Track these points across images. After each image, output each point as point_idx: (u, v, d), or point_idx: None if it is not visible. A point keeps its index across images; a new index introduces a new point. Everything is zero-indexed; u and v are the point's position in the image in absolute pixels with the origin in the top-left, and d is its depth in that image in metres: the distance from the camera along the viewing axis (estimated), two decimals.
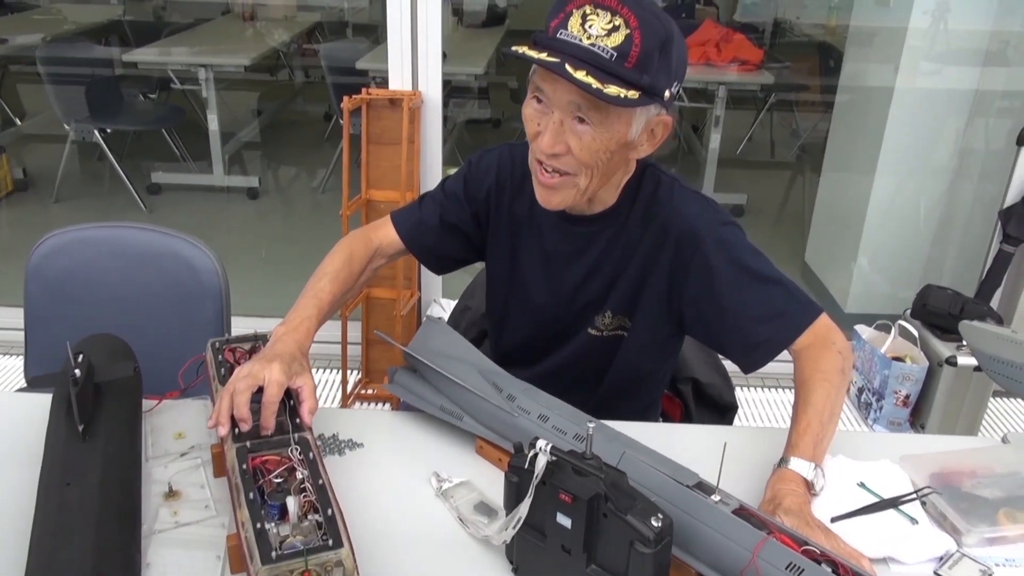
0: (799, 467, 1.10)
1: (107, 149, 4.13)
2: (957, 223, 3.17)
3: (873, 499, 1.13)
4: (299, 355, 1.15)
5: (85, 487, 0.97)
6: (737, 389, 1.67)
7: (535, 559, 0.97)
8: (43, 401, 1.18)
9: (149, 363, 1.27)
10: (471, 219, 1.41)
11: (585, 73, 1.06)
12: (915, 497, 1.14)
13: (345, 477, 1.15)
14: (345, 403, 2.76)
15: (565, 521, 0.92)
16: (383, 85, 2.65)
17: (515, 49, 1.11)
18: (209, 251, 1.65)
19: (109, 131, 4.17)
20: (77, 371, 1.08)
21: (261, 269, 3.67)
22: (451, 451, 1.24)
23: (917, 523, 1.10)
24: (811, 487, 1.10)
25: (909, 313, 2.70)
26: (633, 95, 1.08)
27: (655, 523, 0.86)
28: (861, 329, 2.81)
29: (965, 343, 2.11)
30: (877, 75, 3.23)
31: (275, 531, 0.90)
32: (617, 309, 1.34)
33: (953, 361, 2.47)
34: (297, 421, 1.08)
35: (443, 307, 2.87)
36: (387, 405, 2.74)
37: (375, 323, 2.79)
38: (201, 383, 1.24)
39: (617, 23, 1.08)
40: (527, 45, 1.12)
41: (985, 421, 2.76)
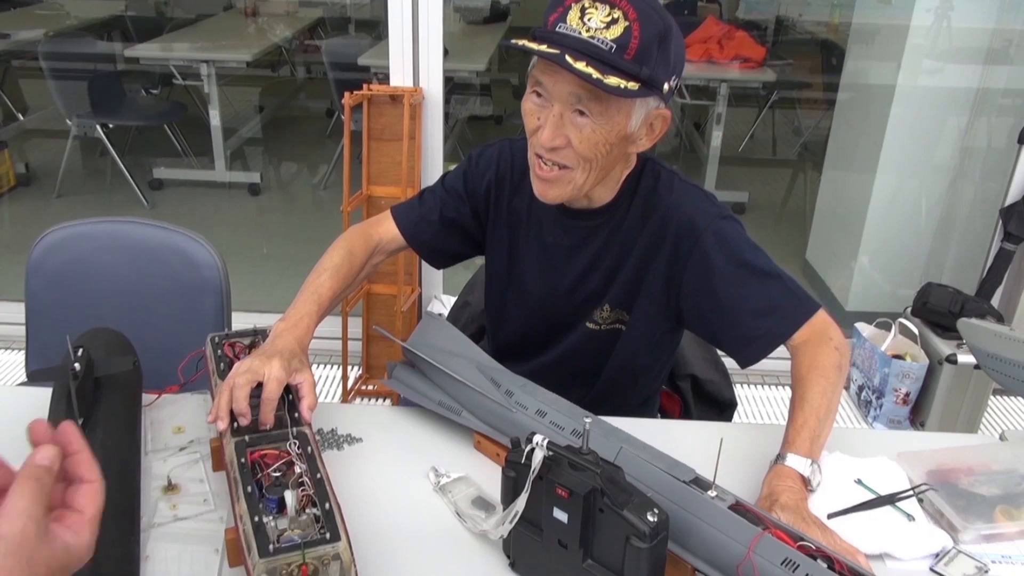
0: (796, 463, 1.10)
1: (109, 144, 4.14)
2: (958, 221, 3.16)
3: (870, 495, 1.14)
4: (299, 351, 1.15)
5: None
6: (736, 386, 1.67)
7: (532, 553, 0.98)
8: (43, 395, 1.18)
9: (149, 357, 1.27)
10: (471, 214, 1.41)
11: (585, 64, 1.06)
12: (912, 494, 1.14)
13: (344, 472, 1.15)
14: (345, 399, 2.77)
15: (562, 516, 0.92)
16: (385, 81, 2.65)
17: (515, 41, 1.11)
18: (210, 246, 1.65)
19: (111, 126, 4.18)
20: (77, 365, 1.09)
21: (262, 265, 3.68)
22: (449, 446, 1.24)
23: (914, 520, 1.10)
24: (808, 483, 1.10)
25: (910, 311, 2.70)
26: (633, 86, 1.09)
27: (651, 518, 0.86)
28: (862, 327, 2.81)
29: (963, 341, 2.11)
30: (879, 73, 3.23)
31: (273, 525, 0.90)
32: (615, 303, 1.34)
33: (953, 359, 2.47)
34: (296, 416, 1.08)
35: (443, 303, 2.87)
36: (387, 401, 2.74)
37: (376, 319, 2.79)
38: (201, 378, 1.24)
39: (616, 15, 1.08)
40: (527, 39, 1.12)
41: (985, 419, 2.76)
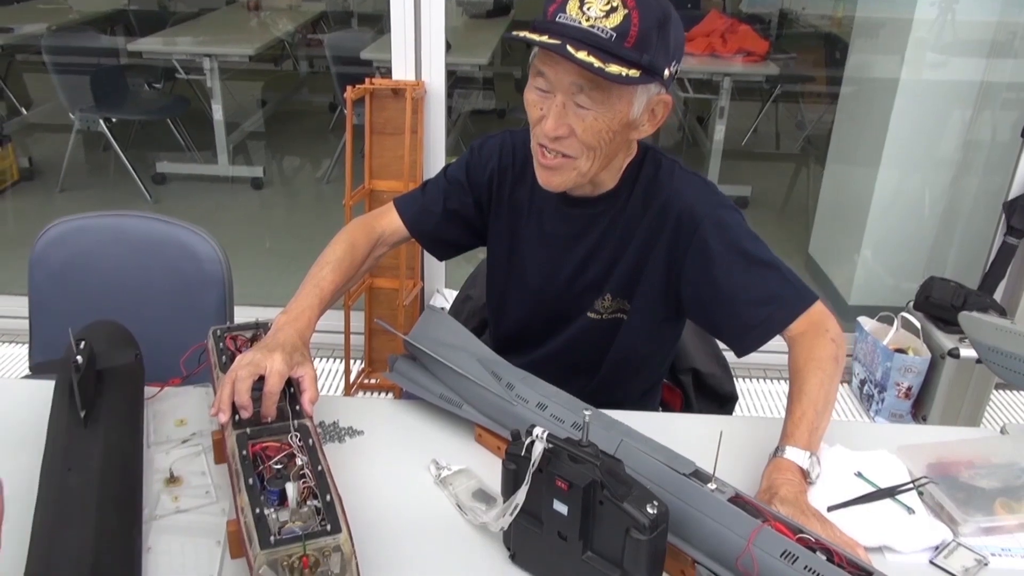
0: (795, 456, 1.10)
1: (112, 139, 4.14)
2: (961, 215, 3.16)
3: (870, 488, 1.14)
4: (300, 345, 1.16)
5: (86, 473, 0.97)
6: (737, 380, 1.67)
7: (532, 545, 0.98)
8: (47, 388, 1.19)
9: (152, 350, 1.28)
10: (473, 205, 1.42)
11: (586, 53, 1.07)
12: (912, 487, 1.14)
13: (345, 464, 1.16)
14: (348, 392, 2.77)
15: (562, 508, 0.93)
16: (387, 76, 2.65)
17: (516, 33, 1.12)
18: (212, 240, 1.65)
19: (114, 120, 4.18)
20: (79, 358, 1.09)
21: (264, 258, 3.68)
22: (450, 439, 1.25)
23: (914, 513, 1.11)
24: (807, 476, 1.10)
25: (912, 305, 2.70)
26: (634, 73, 1.09)
27: (651, 510, 0.87)
28: (864, 321, 2.81)
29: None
30: (882, 66, 3.22)
31: (274, 517, 0.90)
32: (616, 292, 1.34)
33: (956, 353, 2.47)
34: (297, 408, 1.08)
35: (446, 297, 2.87)
36: (390, 395, 2.75)
37: (378, 313, 2.80)
38: (203, 371, 1.25)
39: (615, 4, 1.08)
40: (527, 30, 1.12)
41: (987, 413, 2.76)
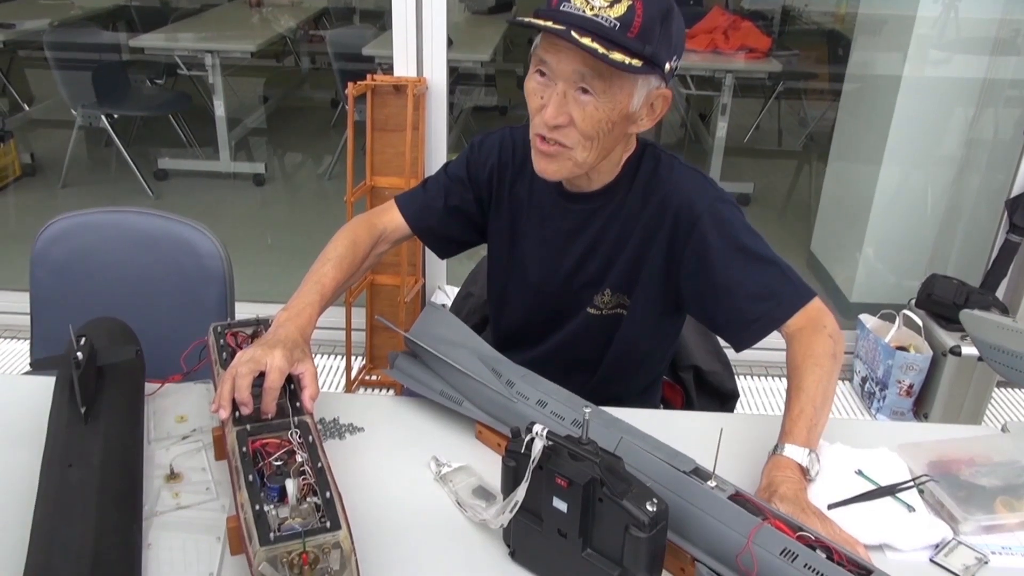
0: (794, 453, 1.10)
1: (114, 134, 4.14)
2: (963, 213, 3.15)
3: (871, 486, 1.14)
4: (301, 341, 1.16)
5: (87, 469, 0.98)
6: (738, 377, 1.67)
7: (532, 543, 0.98)
8: (47, 384, 1.19)
9: (152, 347, 1.28)
10: (474, 201, 1.42)
11: (591, 40, 1.07)
12: (913, 485, 1.14)
13: (345, 461, 1.16)
14: (349, 389, 2.77)
15: (561, 505, 0.93)
16: (389, 72, 2.65)
17: (521, 18, 1.12)
18: (213, 236, 1.65)
19: (116, 116, 4.18)
20: (79, 354, 1.09)
21: (265, 255, 3.68)
22: (450, 436, 1.25)
23: (914, 511, 1.11)
24: (806, 473, 1.10)
25: (914, 303, 2.70)
26: (637, 63, 1.10)
27: (650, 508, 0.87)
28: (866, 318, 2.80)
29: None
30: (885, 63, 3.21)
31: (274, 513, 0.90)
32: (616, 287, 1.34)
33: (957, 351, 2.47)
34: (297, 405, 1.08)
35: (447, 294, 2.87)
36: (391, 391, 2.75)
37: (379, 309, 2.80)
38: (203, 367, 1.25)
39: None
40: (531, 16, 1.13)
41: (989, 411, 2.76)
